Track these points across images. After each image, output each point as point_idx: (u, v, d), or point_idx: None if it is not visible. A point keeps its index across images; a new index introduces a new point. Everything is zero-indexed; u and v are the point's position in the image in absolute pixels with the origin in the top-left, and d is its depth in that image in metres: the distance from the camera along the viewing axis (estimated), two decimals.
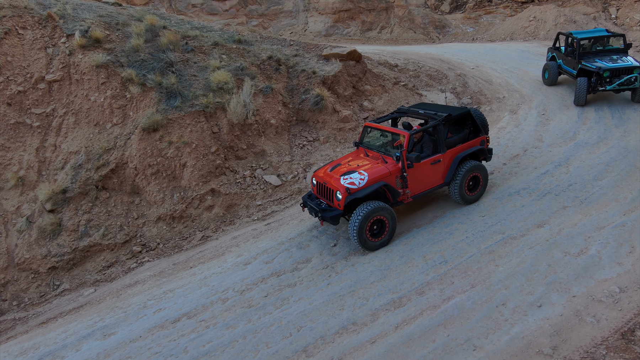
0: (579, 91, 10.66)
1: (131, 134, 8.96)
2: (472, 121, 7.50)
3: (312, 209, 6.81)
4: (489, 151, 7.64)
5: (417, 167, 6.74)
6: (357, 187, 6.38)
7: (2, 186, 8.44)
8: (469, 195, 7.29)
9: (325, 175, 6.88)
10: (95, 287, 7.38)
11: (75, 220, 8.19)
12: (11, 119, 8.96)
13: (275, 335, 5.16)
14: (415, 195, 6.93)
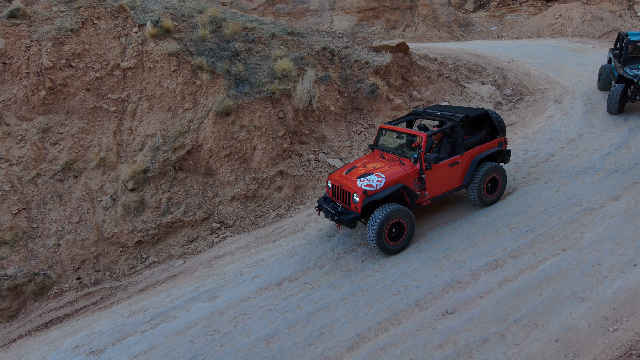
0: (610, 98, 9.91)
1: (203, 119, 9.40)
2: (489, 122, 7.39)
3: (328, 212, 6.66)
4: (507, 153, 7.49)
5: (435, 168, 6.63)
6: (375, 189, 6.25)
7: (85, 167, 8.89)
8: (487, 197, 7.16)
9: (342, 178, 6.73)
10: (184, 259, 7.80)
11: (157, 198, 8.63)
12: (90, 103, 9.42)
13: (384, 293, 5.56)
14: (433, 197, 6.80)
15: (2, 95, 9.07)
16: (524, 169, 8.30)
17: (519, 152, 9.09)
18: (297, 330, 5.24)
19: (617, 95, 9.77)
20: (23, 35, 9.34)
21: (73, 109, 9.36)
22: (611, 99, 9.91)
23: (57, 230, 8.03)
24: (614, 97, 9.84)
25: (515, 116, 11.38)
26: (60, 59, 9.35)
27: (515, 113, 11.55)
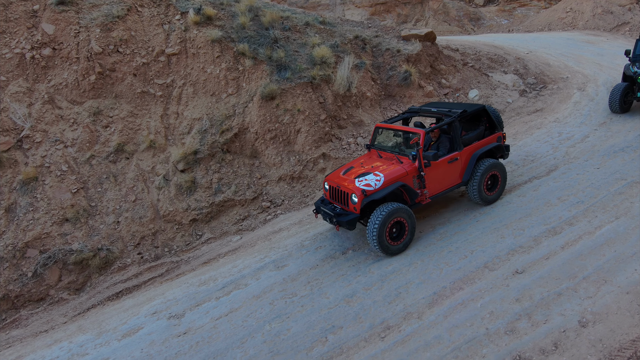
0: (612, 96, 9.64)
1: (248, 103, 9.70)
2: (487, 117, 7.28)
3: (327, 214, 6.52)
4: (506, 148, 7.37)
5: (434, 166, 6.51)
6: (374, 188, 6.12)
7: (136, 149, 9.16)
8: (488, 195, 7.03)
9: (339, 179, 6.62)
10: (240, 235, 8.11)
11: (207, 178, 8.93)
12: (137, 88, 9.68)
13: (452, 257, 5.91)
14: (433, 195, 6.68)
15: (53, 80, 9.31)
16: (562, 149, 8.67)
17: (554, 135, 9.46)
18: (374, 291, 5.58)
19: (618, 93, 9.49)
20: (72, 22, 9.59)
21: (121, 94, 9.62)
22: (612, 97, 9.61)
23: (114, 208, 8.31)
24: (614, 96, 9.57)
25: (542, 102, 11.75)
26: (108, 45, 9.60)
27: (541, 100, 11.92)
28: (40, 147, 8.58)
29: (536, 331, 4.49)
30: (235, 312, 5.81)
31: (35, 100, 9.06)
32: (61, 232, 7.80)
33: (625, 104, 9.65)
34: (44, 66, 9.32)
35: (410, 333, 4.79)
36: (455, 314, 4.92)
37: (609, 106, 9.87)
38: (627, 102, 9.68)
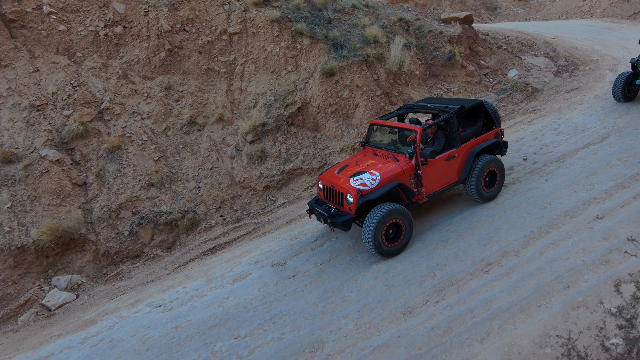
0: (615, 85, 9.82)
1: (308, 79, 10.22)
2: (485, 113, 7.15)
3: (320, 214, 6.36)
4: (504, 144, 7.25)
5: (432, 163, 6.35)
6: (369, 188, 5.93)
7: (206, 121, 9.67)
8: (486, 192, 6.91)
9: (333, 178, 6.41)
10: None
11: (276, 149, 9.47)
12: (203, 65, 10.17)
13: (532, 208, 6.51)
14: (430, 194, 6.53)
15: (125, 57, 9.79)
16: (609, 121, 9.26)
17: (597, 109, 10.06)
18: (466, 237, 6.17)
19: (621, 82, 9.65)
20: (141, 1, 10.05)
21: (188, 70, 10.11)
22: (616, 86, 9.78)
23: (194, 175, 8.84)
24: (617, 84, 9.73)
25: (577, 82, 12.35)
26: (176, 24, 10.08)
27: (576, 80, 12.52)
28: (120, 119, 9.07)
29: (629, 261, 5.09)
30: (336, 258, 6.38)
31: (110, 75, 9.54)
32: (149, 196, 8.33)
33: (629, 93, 9.78)
34: (117, 43, 9.80)
35: (512, 267, 5.39)
36: (550, 251, 5.52)
37: (613, 95, 9.98)
38: (632, 90, 9.78)
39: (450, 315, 4.83)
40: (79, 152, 8.45)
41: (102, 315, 6.25)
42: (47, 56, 9.35)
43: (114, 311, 6.26)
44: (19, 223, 7.37)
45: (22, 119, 8.40)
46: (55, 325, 6.35)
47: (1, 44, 8.97)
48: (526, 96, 11.71)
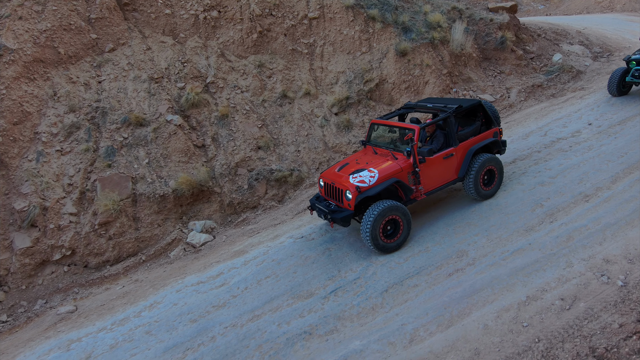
0: (610, 80, 10.26)
1: (382, 59, 11.36)
2: (483, 112, 7.26)
3: (321, 210, 6.56)
4: (502, 143, 7.39)
5: (430, 162, 6.48)
6: (368, 185, 6.12)
7: (295, 95, 10.78)
8: (484, 190, 7.06)
9: (334, 175, 6.61)
10: None
11: (359, 119, 10.59)
12: (288, 46, 11.30)
13: (611, 157, 7.66)
14: (428, 191, 6.70)
15: (221, 38, 10.91)
16: None
17: None
18: (559, 179, 7.30)
19: (616, 77, 10.11)
20: None
21: (275, 50, 11.24)
22: (611, 81, 10.24)
23: (292, 140, 9.95)
24: (613, 80, 10.18)
25: (615, 66, 13.53)
26: (264, 8, 11.21)
27: (615, 63, 13.69)
28: (224, 92, 10.18)
29: None
30: (450, 197, 7.50)
31: (210, 54, 10.65)
32: (258, 157, 9.43)
33: (623, 88, 10.28)
34: (213, 26, 10.92)
35: (608, 197, 6.53)
36: (637, 185, 6.66)
37: (608, 90, 10.43)
38: (625, 85, 10.27)
39: (567, 229, 5.96)
40: (194, 118, 9.55)
41: (250, 247, 7.35)
42: (155, 36, 10.47)
43: (259, 244, 7.37)
44: (158, 176, 8.46)
45: (143, 89, 9.49)
46: (207, 257, 7.45)
47: (118, 25, 10.07)
48: (572, 77, 12.87)
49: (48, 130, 8.32)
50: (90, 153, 8.31)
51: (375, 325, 4.97)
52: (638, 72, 9.70)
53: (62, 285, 7.33)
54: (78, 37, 9.48)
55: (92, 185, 8.01)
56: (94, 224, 7.69)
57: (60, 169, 8.04)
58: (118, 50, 9.93)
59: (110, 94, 9.20)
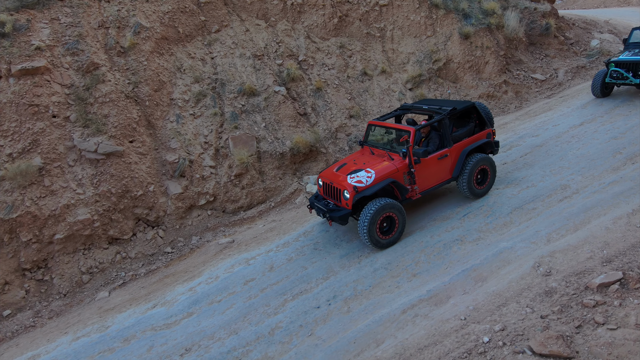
0: (594, 81, 10.64)
1: (446, 42, 12.71)
2: (477, 114, 7.49)
3: (320, 209, 6.77)
4: (495, 144, 7.65)
5: (425, 162, 6.70)
6: (365, 185, 6.34)
7: (373, 73, 12.10)
8: (477, 189, 7.30)
9: (332, 175, 6.84)
10: None
11: (432, 94, 11.94)
12: (363, 30, 12.62)
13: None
14: (423, 191, 6.94)
15: (306, 22, 12.21)
16: None
17: None
18: (628, 134, 8.67)
19: (599, 80, 10.52)
20: None
21: (352, 33, 12.56)
22: (594, 83, 10.66)
23: (377, 111, 11.27)
24: (596, 83, 10.61)
25: None
26: None
27: None
28: (314, 69, 11.48)
29: None
30: (535, 150, 8.87)
31: (298, 35, 11.95)
32: (352, 124, 10.75)
33: (606, 89, 10.73)
34: (299, 11, 12.21)
35: None
36: None
37: (592, 91, 10.83)
38: (608, 87, 10.73)
39: None
40: (294, 91, 10.84)
41: None
42: (250, 20, 11.75)
43: None
44: (275, 137, 9.76)
45: (249, 65, 10.77)
46: None
47: (220, 9, 11.34)
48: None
49: (181, 97, 9.58)
50: (218, 117, 9.59)
51: (513, 234, 6.31)
52: (615, 74, 10.12)
53: (210, 225, 8.61)
54: (191, 18, 10.74)
55: (224, 143, 9.29)
56: (230, 175, 8.98)
57: (195, 129, 9.31)
58: (222, 31, 11.20)
59: (224, 68, 10.47)
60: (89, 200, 7.71)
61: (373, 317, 5.25)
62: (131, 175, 8.18)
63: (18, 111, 7.77)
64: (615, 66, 10.13)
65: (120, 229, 8.01)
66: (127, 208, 8.10)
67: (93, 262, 7.62)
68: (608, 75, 10.34)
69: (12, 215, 7.13)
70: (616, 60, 10.22)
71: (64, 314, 6.79)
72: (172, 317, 6.04)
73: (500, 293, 5.08)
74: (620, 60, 10.15)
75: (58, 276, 7.36)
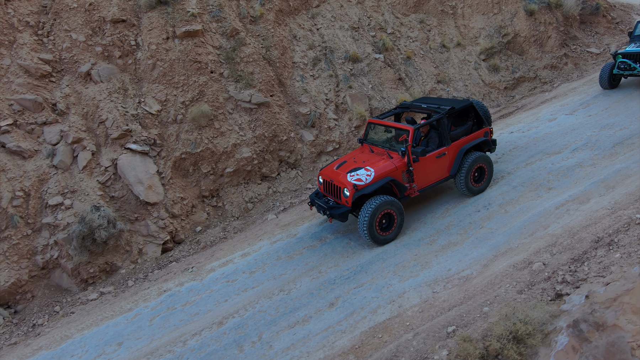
0: (601, 73, 10.93)
1: (512, 18, 14.11)
2: (475, 113, 7.59)
3: (320, 206, 6.88)
4: (492, 142, 7.74)
5: (423, 161, 6.77)
6: (364, 183, 6.44)
7: (450, 46, 13.49)
8: (475, 187, 7.39)
9: (332, 173, 6.94)
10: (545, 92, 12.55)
11: (503, 64, 13.36)
12: (437, 7, 13.99)
13: None
14: (422, 188, 7.04)
15: (388, 0, 13.58)
16: None
17: None
18: None
19: (606, 72, 10.81)
20: None
21: (428, 10, 13.94)
22: (602, 75, 10.93)
23: (459, 78, 12.69)
24: (603, 74, 10.88)
25: None
26: None
27: None
28: (401, 40, 12.87)
29: None
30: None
31: (383, 11, 13.31)
32: (440, 88, 12.16)
33: (613, 81, 11.03)
34: None
35: None
36: None
37: (600, 83, 11.18)
38: (616, 78, 11.03)
39: None
40: (388, 59, 12.23)
41: None
42: None
43: None
44: (381, 97, 11.16)
45: (349, 35, 12.15)
46: None
47: None
48: None
49: (301, 61, 10.97)
50: (333, 78, 10.98)
51: (623, 160, 7.73)
52: (623, 65, 10.46)
53: None
54: None
55: (343, 100, 10.70)
56: (351, 127, 10.39)
57: (317, 88, 10.71)
58: (321, 6, 12.56)
59: (329, 37, 11.85)
60: (249, 141, 9.12)
61: (530, 214, 6.70)
62: (277, 122, 9.58)
63: (185, 66, 9.15)
64: (623, 58, 10.49)
65: (270, 167, 9.43)
66: (274, 150, 9.51)
67: (252, 194, 9.03)
68: (616, 66, 10.67)
69: (196, 150, 8.54)
70: (623, 52, 10.52)
71: (245, 230, 8.20)
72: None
73: (633, 193, 6.52)
74: (627, 52, 10.44)
75: (228, 203, 8.78)
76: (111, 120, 8.25)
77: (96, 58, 8.82)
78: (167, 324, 5.85)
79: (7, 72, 8.00)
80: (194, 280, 6.75)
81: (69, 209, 7.27)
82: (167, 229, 7.87)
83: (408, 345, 4.70)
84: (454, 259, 6.09)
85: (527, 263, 5.58)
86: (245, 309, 5.86)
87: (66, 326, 6.24)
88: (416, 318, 5.12)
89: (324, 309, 5.58)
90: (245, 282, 6.45)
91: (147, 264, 7.45)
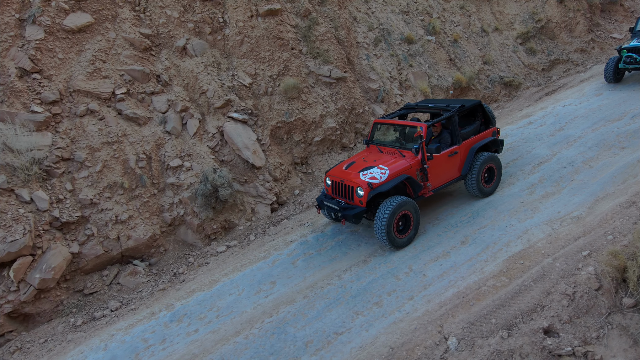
0: (606, 67, 11.27)
1: (543, 5, 15.03)
2: (483, 112, 7.56)
3: (331, 208, 6.55)
4: (500, 142, 7.69)
5: (436, 159, 6.68)
6: (379, 181, 6.20)
7: (489, 30, 14.32)
8: (485, 188, 7.26)
9: (342, 173, 6.68)
10: (572, 73, 13.49)
11: (538, 47, 14.26)
12: None
13: None
14: (435, 188, 6.86)
15: None
16: None
17: None
18: None
19: (611, 66, 11.14)
20: None
21: None
22: (607, 69, 11.27)
23: (502, 59, 13.52)
24: (608, 68, 11.22)
25: None
26: None
27: None
28: (446, 24, 13.63)
29: None
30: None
31: None
32: (487, 68, 12.97)
33: (618, 75, 11.37)
34: None
35: None
36: None
37: (604, 77, 11.56)
38: (620, 72, 11.39)
39: None
40: (438, 41, 12.98)
41: (533, 110, 10.87)
42: None
43: (529, 115, 10.90)
44: (438, 75, 11.89)
45: (400, 19, 12.85)
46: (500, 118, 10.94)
47: None
48: None
49: (364, 41, 11.61)
50: (395, 58, 11.67)
51: None
52: (629, 59, 10.78)
53: None
54: None
55: (406, 77, 11.39)
56: (416, 102, 11.08)
57: (381, 67, 11.37)
58: None
59: (383, 20, 12.52)
60: (332, 112, 9.73)
61: (615, 167, 7.51)
62: (353, 96, 10.21)
63: (269, 43, 9.69)
64: (628, 52, 10.84)
65: (349, 138, 10.05)
66: (352, 122, 10.14)
67: (335, 162, 9.64)
68: (622, 61, 11.01)
69: (290, 119, 9.10)
70: (628, 46, 10.85)
71: None
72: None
73: None
74: (632, 46, 10.77)
75: (317, 170, 9.38)
76: (212, 91, 8.74)
77: (189, 34, 9.29)
78: (311, 265, 6.44)
79: (114, 45, 8.43)
80: (315, 232, 7.34)
81: (189, 170, 7.76)
82: (273, 191, 8.42)
83: (552, 266, 5.42)
84: (559, 204, 6.84)
85: (631, 203, 6.36)
86: (382, 249, 6.50)
87: (208, 273, 6.76)
88: (548, 248, 5.84)
89: (457, 245, 6.26)
90: (371, 231, 7.06)
91: (262, 222, 7.99)
